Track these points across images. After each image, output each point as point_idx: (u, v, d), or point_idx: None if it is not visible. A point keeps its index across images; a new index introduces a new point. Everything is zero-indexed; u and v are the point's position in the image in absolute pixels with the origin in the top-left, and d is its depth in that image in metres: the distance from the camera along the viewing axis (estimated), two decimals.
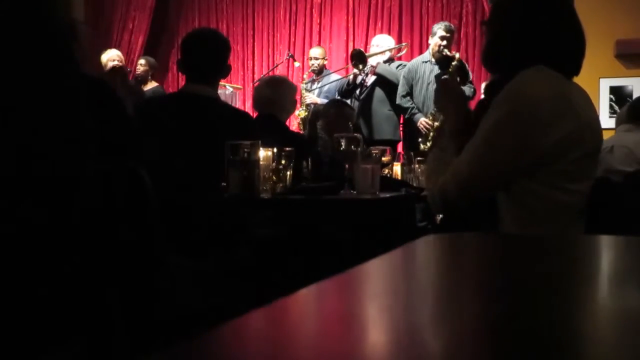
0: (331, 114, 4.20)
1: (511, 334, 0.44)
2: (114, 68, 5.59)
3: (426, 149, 4.42)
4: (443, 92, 2.00)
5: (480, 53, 1.96)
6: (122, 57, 6.21)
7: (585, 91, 1.81)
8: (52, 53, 1.04)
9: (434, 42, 5.19)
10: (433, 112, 4.99)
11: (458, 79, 5.04)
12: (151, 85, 6.40)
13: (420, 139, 4.83)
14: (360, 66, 5.34)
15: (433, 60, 5.19)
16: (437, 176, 1.79)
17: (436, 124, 4.93)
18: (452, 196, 1.74)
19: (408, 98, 5.23)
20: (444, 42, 5.12)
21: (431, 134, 4.75)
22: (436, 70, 5.13)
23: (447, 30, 5.16)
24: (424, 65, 5.23)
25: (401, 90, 5.24)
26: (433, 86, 5.09)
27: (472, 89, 5.11)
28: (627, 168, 3.36)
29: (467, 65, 5.36)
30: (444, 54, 5.10)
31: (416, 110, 5.17)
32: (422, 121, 5.05)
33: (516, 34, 1.77)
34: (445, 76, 4.86)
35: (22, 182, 0.99)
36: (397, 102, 5.26)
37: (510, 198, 1.72)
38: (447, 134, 1.89)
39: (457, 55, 5.08)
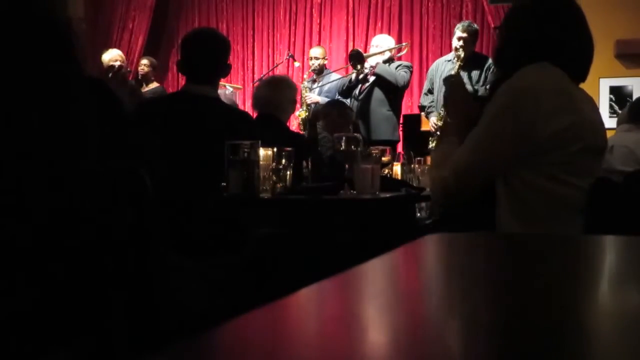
0: (332, 114, 4.21)
1: (511, 334, 0.44)
2: (113, 67, 5.57)
3: (432, 148, 4.46)
4: (450, 89, 2.05)
5: (492, 55, 2.03)
6: (123, 57, 6.20)
7: (590, 96, 1.84)
8: (52, 53, 1.04)
9: (454, 42, 5.21)
10: (441, 111, 5.01)
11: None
12: (153, 85, 6.38)
13: (430, 139, 4.90)
14: (359, 66, 5.35)
15: (455, 60, 5.20)
16: (440, 169, 1.81)
17: (439, 123, 4.95)
18: (451, 185, 1.76)
19: (429, 96, 5.27)
20: (460, 42, 5.11)
21: (437, 133, 4.78)
22: (455, 69, 5.14)
23: (463, 29, 5.15)
24: (445, 64, 5.26)
25: (425, 88, 5.32)
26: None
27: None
28: (627, 168, 3.36)
29: (486, 58, 5.33)
30: (457, 53, 5.11)
31: (432, 109, 5.20)
32: (432, 121, 5.11)
33: (526, 39, 1.81)
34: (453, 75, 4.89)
35: (22, 181, 0.99)
36: (420, 100, 5.36)
37: (509, 191, 1.73)
38: (453, 129, 1.93)
39: (462, 55, 5.06)
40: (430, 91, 5.29)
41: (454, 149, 1.84)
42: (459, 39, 5.13)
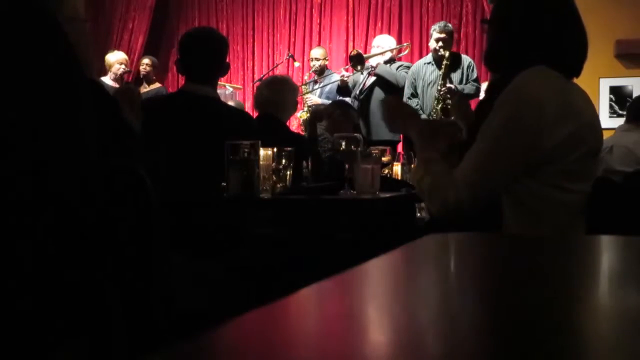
0: (335, 115, 4.21)
1: (511, 334, 0.44)
2: (124, 88, 5.49)
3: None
4: (390, 114, 1.97)
5: (483, 52, 1.96)
6: (127, 59, 6.20)
7: (585, 92, 1.81)
8: (52, 54, 1.04)
9: (431, 44, 5.22)
10: (429, 114, 5.02)
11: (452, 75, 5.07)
12: (155, 86, 6.39)
13: None
14: (359, 67, 5.36)
15: (433, 62, 5.21)
16: (441, 190, 1.73)
17: None
18: (467, 205, 1.69)
19: (413, 100, 5.27)
20: (440, 43, 5.12)
21: None
22: (437, 71, 5.14)
23: (441, 30, 5.16)
24: (426, 67, 5.26)
25: (407, 92, 5.31)
26: (433, 87, 5.11)
27: (474, 87, 5.11)
28: (626, 168, 3.37)
29: (462, 56, 5.36)
30: (439, 54, 5.12)
31: (420, 112, 5.21)
32: None
33: (517, 33, 1.78)
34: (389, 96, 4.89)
35: (23, 183, 0.99)
36: None
37: (513, 198, 1.71)
38: (419, 147, 1.84)
39: (447, 54, 5.08)
40: (414, 95, 5.30)
41: (442, 164, 1.77)
42: (438, 40, 5.14)
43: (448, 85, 5.03)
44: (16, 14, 1.01)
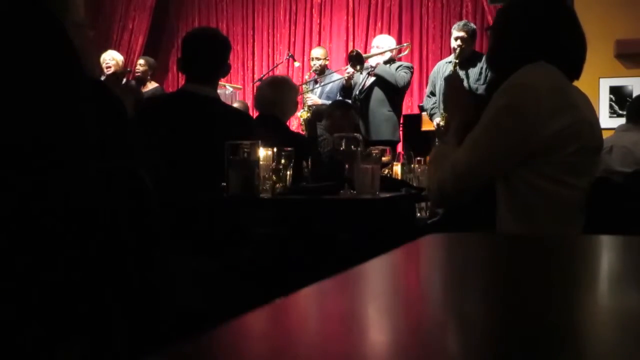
0: (335, 115, 4.21)
1: (511, 334, 0.44)
2: (113, 74, 5.56)
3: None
4: (448, 88, 2.05)
5: (486, 57, 2.02)
6: (116, 57, 6.14)
7: (585, 94, 1.84)
8: (53, 54, 1.04)
9: (452, 42, 5.21)
10: (442, 112, 5.01)
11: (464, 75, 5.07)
12: (151, 86, 6.37)
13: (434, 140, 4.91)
14: (358, 67, 5.35)
15: (455, 61, 5.20)
16: (437, 169, 1.81)
17: (443, 124, 4.95)
18: (449, 188, 1.76)
19: (432, 98, 5.28)
20: (458, 42, 5.11)
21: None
22: (452, 67, 5.14)
23: (459, 29, 5.15)
24: (446, 66, 5.25)
25: (427, 90, 5.34)
26: None
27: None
28: (626, 169, 3.37)
29: (482, 55, 5.35)
30: (457, 53, 5.12)
31: (435, 110, 5.21)
32: (436, 122, 5.11)
33: (519, 36, 1.81)
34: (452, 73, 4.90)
35: (24, 181, 0.99)
36: (423, 102, 5.39)
37: (509, 191, 1.74)
38: (452, 130, 1.91)
39: (457, 53, 5.08)
40: (433, 93, 5.30)
41: (451, 149, 1.83)
42: (456, 38, 5.13)
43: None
44: (19, 14, 1.01)
